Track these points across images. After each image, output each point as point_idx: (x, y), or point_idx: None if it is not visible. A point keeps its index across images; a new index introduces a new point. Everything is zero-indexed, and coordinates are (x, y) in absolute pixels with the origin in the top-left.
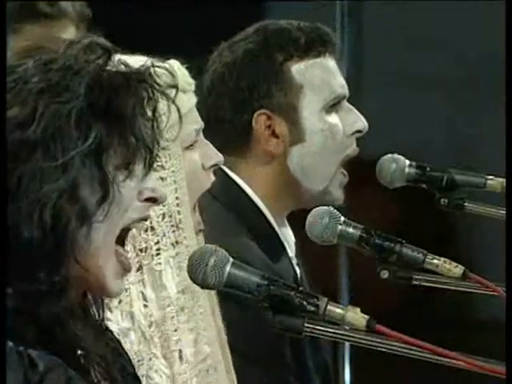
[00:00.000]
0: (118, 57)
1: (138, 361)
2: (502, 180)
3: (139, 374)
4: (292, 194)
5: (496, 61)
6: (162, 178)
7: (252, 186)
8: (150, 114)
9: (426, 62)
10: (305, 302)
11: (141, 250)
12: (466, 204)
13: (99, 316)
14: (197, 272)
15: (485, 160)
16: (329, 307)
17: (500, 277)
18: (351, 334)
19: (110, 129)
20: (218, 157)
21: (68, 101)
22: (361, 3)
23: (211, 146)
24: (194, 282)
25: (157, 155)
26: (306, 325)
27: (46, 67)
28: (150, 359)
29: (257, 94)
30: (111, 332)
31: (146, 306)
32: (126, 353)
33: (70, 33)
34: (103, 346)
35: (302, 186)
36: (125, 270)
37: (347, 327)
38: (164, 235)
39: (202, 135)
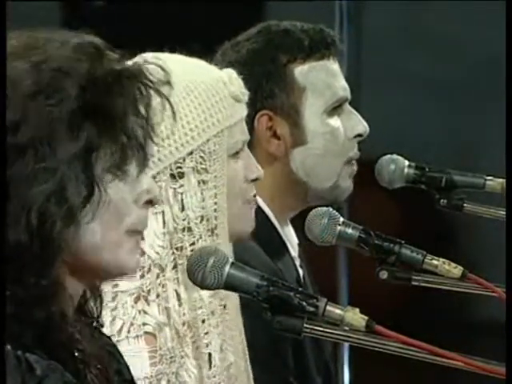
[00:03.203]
0: (111, 54)
1: (171, 357)
2: (502, 180)
3: (169, 371)
4: (298, 194)
5: (496, 61)
6: (203, 181)
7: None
8: (143, 111)
9: (426, 62)
10: (304, 303)
11: (177, 249)
12: (465, 204)
13: (97, 310)
14: (196, 272)
15: (485, 161)
16: (328, 308)
17: (499, 277)
18: (350, 335)
19: (101, 129)
20: (259, 171)
21: (59, 103)
22: (361, 3)
23: (254, 160)
24: (194, 282)
25: (150, 153)
26: (306, 325)
27: (37, 69)
28: (182, 357)
29: (260, 94)
30: (108, 337)
31: (180, 304)
32: (123, 358)
33: None
34: (99, 347)
35: (309, 185)
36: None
37: (346, 328)
38: (200, 237)
39: (247, 148)
